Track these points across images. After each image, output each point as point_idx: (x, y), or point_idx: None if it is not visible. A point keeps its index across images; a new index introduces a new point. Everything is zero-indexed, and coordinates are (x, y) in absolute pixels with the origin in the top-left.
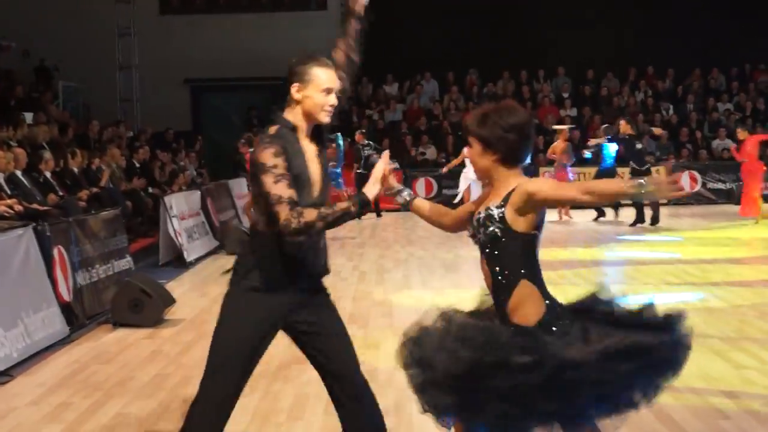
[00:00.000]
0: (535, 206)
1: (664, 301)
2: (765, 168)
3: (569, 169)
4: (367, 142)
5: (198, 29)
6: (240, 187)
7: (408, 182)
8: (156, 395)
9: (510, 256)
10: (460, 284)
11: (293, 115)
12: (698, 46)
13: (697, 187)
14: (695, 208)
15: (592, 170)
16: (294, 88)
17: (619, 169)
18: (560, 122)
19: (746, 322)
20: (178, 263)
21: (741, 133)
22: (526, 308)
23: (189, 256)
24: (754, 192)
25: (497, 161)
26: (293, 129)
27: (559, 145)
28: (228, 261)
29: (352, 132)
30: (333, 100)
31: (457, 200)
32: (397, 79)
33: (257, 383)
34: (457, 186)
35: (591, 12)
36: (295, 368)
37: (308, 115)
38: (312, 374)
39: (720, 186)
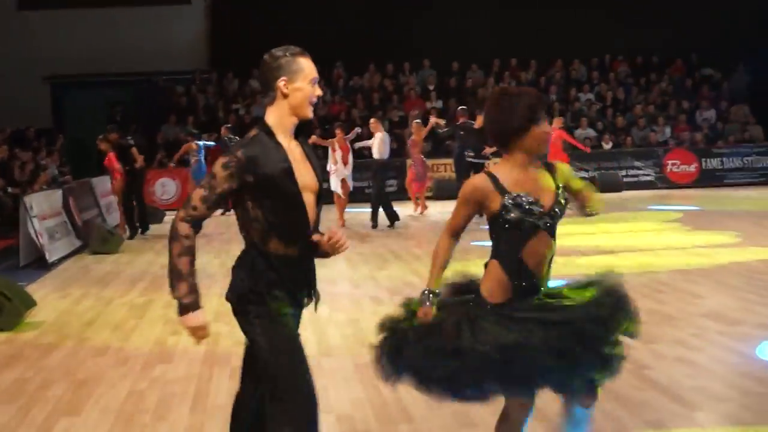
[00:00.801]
0: None
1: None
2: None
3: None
4: (232, 136)
5: (58, 24)
6: (104, 185)
7: None
8: (16, 400)
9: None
10: (329, 278)
11: (277, 114)
12: (559, 37)
13: None
14: None
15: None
16: (281, 83)
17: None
18: (426, 114)
19: None
20: (40, 264)
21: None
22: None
23: (51, 257)
24: None
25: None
26: (269, 133)
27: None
28: (92, 261)
29: (219, 127)
30: (319, 90)
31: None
32: None
33: (121, 383)
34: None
35: (454, 4)
36: (160, 368)
37: (296, 110)
38: (177, 373)
39: (583, 174)
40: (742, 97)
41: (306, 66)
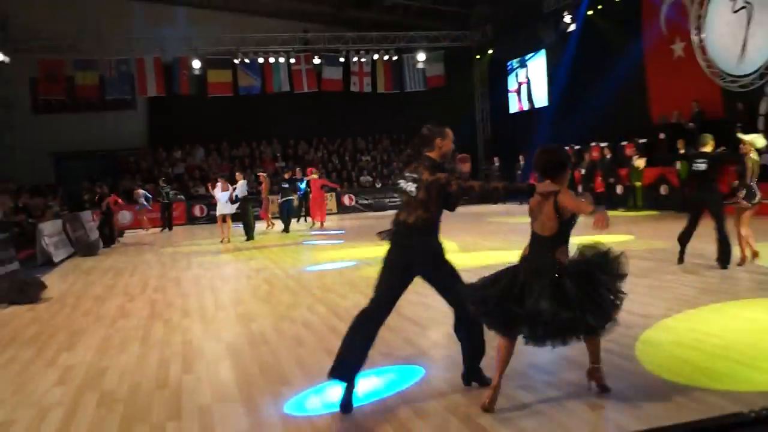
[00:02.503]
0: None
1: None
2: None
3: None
4: (164, 185)
5: (61, 121)
6: (87, 215)
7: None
8: (35, 344)
9: None
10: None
11: (436, 155)
12: (351, 122)
13: (353, 203)
14: (353, 214)
15: None
16: (438, 141)
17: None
18: (275, 170)
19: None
20: (49, 264)
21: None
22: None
23: (56, 259)
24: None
25: None
26: (439, 165)
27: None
28: (80, 261)
29: (156, 180)
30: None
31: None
32: (180, 147)
33: (98, 332)
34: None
35: (292, 103)
36: (121, 322)
37: (444, 156)
38: (131, 324)
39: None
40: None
41: (450, 134)
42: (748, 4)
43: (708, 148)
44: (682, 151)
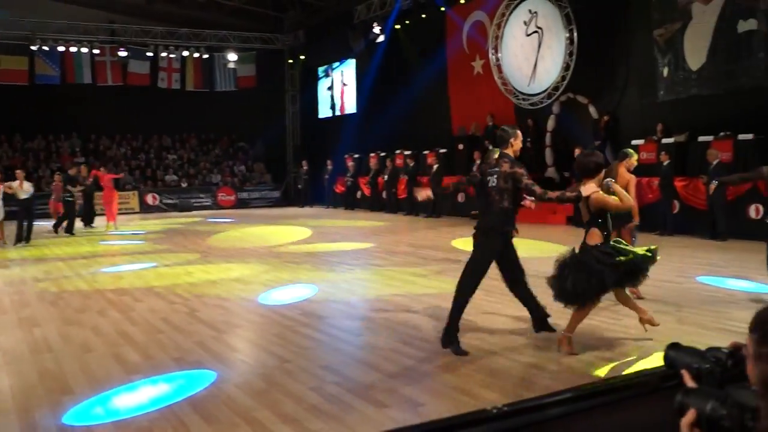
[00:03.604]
0: None
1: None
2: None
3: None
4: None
5: None
6: None
7: None
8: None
9: None
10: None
11: (510, 152)
12: (156, 119)
13: (157, 202)
14: (157, 213)
15: None
16: (512, 139)
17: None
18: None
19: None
20: None
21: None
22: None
23: None
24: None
25: None
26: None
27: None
28: None
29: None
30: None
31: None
32: None
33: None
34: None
35: (90, 98)
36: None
37: (515, 153)
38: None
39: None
40: (261, 158)
41: (521, 134)
42: (539, 29)
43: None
44: (477, 162)
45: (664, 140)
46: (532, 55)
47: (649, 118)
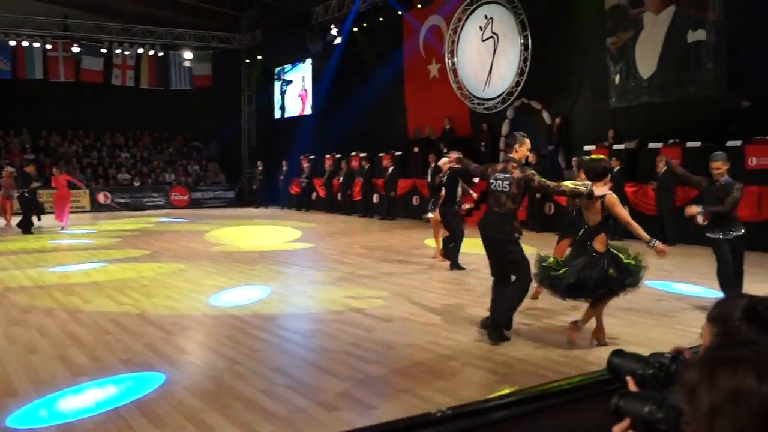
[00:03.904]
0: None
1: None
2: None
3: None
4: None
5: None
6: None
7: None
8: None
9: None
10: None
11: (519, 156)
12: (110, 116)
13: (109, 201)
14: (108, 212)
15: None
16: (517, 145)
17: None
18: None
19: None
20: None
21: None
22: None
23: None
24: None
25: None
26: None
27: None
28: None
29: None
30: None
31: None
32: None
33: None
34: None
35: (41, 89)
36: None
37: (523, 157)
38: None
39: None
40: (216, 158)
41: (528, 141)
42: (495, 35)
43: None
44: (432, 165)
45: (615, 146)
46: (487, 60)
47: (601, 125)
